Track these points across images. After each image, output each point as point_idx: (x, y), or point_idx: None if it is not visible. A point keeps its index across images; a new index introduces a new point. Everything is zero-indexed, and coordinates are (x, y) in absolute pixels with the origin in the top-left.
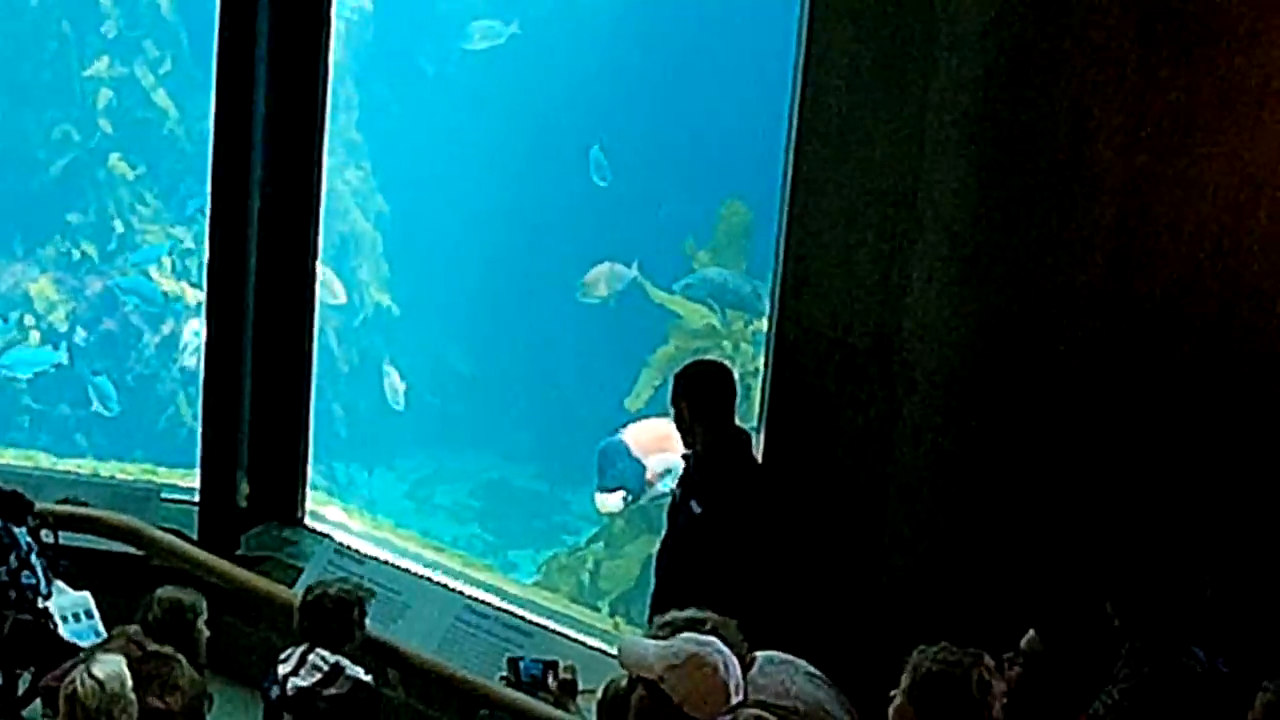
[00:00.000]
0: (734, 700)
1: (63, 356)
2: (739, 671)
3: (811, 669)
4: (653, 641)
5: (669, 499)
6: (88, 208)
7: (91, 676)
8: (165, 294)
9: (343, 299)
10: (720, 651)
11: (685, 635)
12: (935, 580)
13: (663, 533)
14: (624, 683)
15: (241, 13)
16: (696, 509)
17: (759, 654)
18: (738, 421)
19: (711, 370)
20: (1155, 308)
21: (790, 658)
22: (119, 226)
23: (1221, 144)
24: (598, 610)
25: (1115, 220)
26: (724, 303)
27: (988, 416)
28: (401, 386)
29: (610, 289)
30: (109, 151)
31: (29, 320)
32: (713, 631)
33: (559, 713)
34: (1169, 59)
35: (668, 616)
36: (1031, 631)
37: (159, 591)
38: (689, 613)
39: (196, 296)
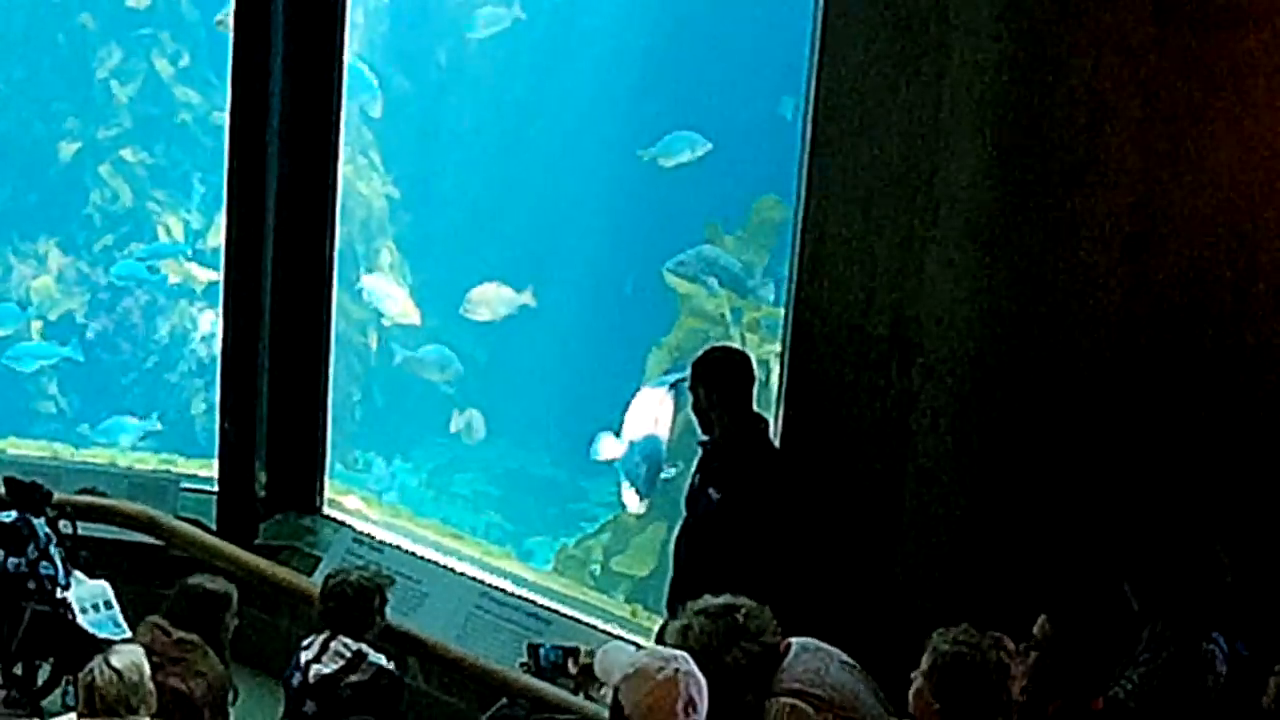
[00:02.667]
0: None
1: (73, 352)
2: (697, 691)
3: (845, 657)
4: (630, 650)
5: (687, 485)
6: (103, 199)
7: (110, 666)
8: (156, 271)
9: (417, 320)
10: (680, 668)
11: (653, 649)
12: (952, 566)
13: (681, 519)
14: None
15: (257, 6)
16: (715, 496)
17: (794, 641)
18: (755, 408)
19: (730, 357)
20: (1171, 292)
21: (824, 645)
22: (135, 217)
23: (1236, 127)
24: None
25: (1130, 205)
26: (718, 282)
27: (1004, 402)
28: (481, 431)
29: (495, 312)
30: (125, 143)
31: (46, 313)
32: (746, 617)
33: (579, 699)
34: (1184, 43)
35: (700, 603)
36: (1043, 617)
37: (189, 580)
38: (723, 599)
39: (207, 276)
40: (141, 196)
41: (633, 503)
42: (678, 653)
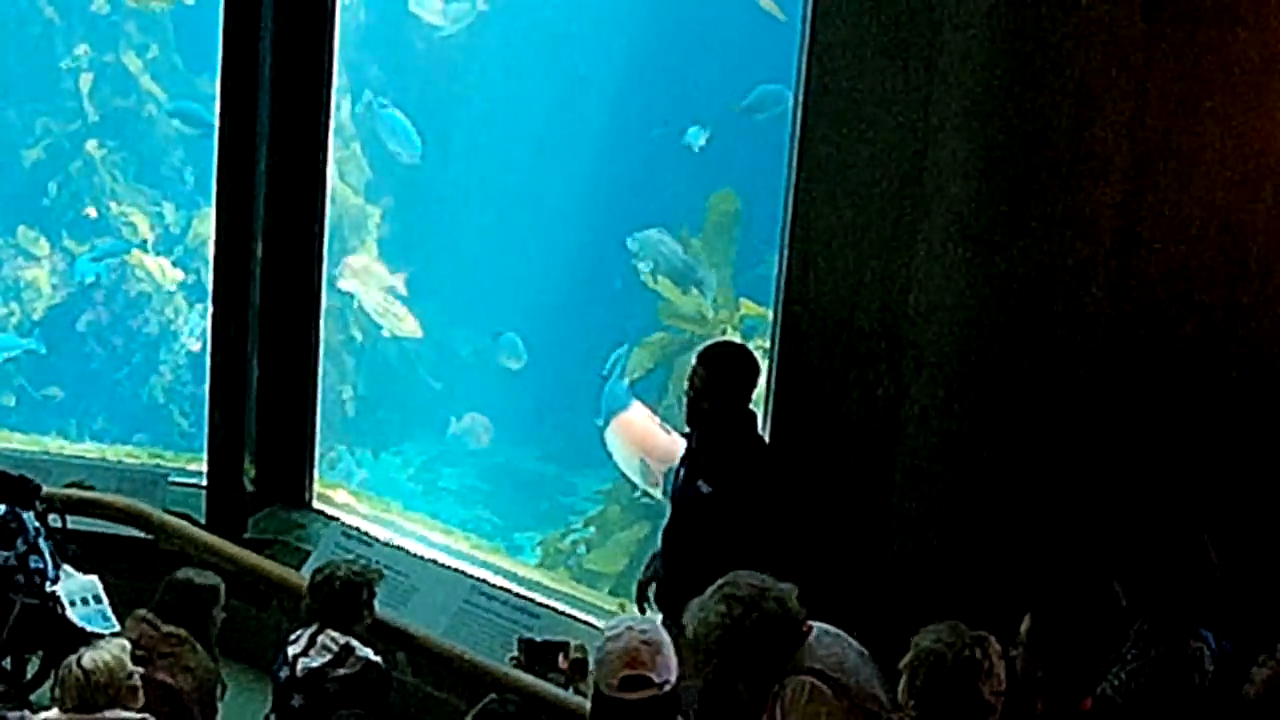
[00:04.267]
0: (619, 676)
1: (36, 344)
2: (650, 653)
3: (862, 649)
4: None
5: (673, 480)
6: (75, 193)
7: (79, 665)
8: (103, 265)
9: (418, 332)
10: (634, 626)
11: (636, 616)
12: (941, 561)
13: (668, 513)
14: None
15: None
16: (705, 489)
17: (815, 624)
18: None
19: (736, 352)
20: (1160, 288)
21: (842, 634)
22: (108, 212)
23: (1226, 123)
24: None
25: (1120, 200)
26: (657, 269)
27: (994, 397)
28: (486, 435)
29: (366, 284)
30: (95, 137)
31: (17, 306)
32: (776, 599)
33: (568, 694)
34: (1173, 38)
35: (728, 579)
36: (1028, 617)
37: (177, 574)
38: (757, 578)
39: (176, 276)
40: (110, 191)
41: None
42: (649, 620)
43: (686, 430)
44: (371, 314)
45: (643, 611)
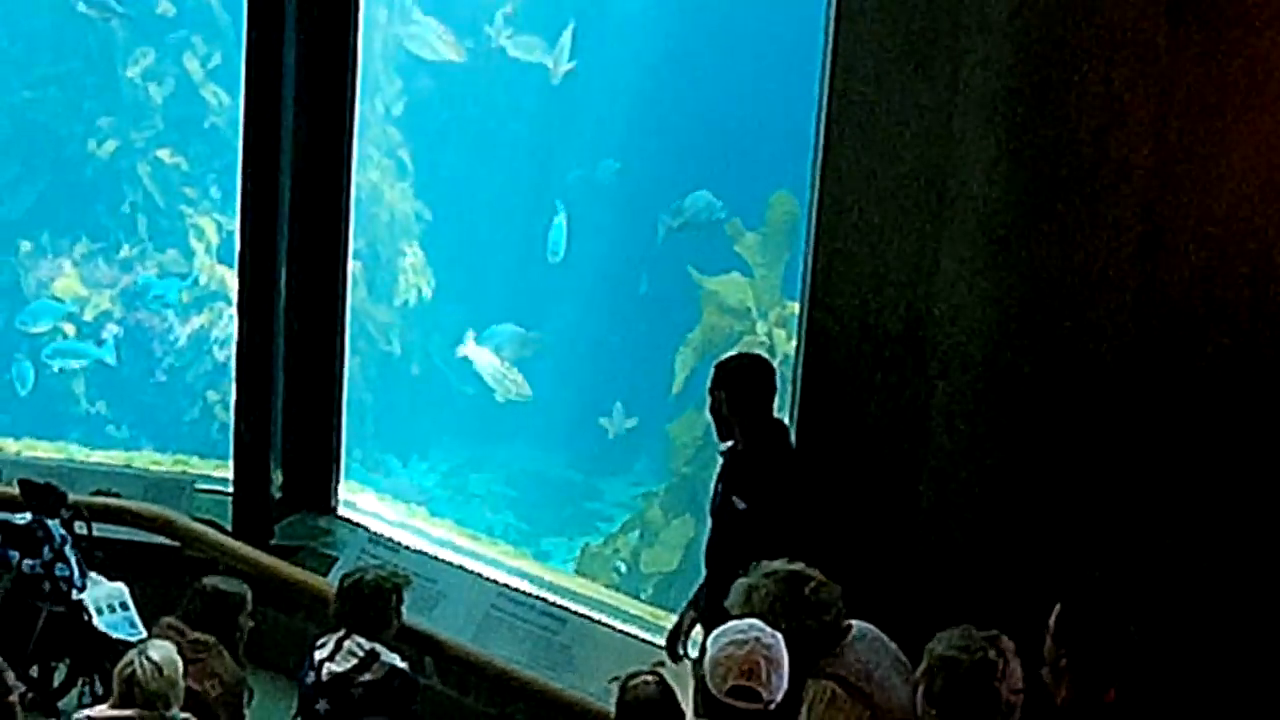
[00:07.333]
0: (730, 684)
1: (109, 355)
2: (767, 663)
3: (900, 655)
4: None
5: (711, 495)
6: (132, 201)
7: (150, 660)
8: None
9: (528, 391)
10: (758, 637)
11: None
12: (965, 562)
13: (709, 528)
14: (645, 682)
15: (270, 8)
16: (740, 505)
17: (855, 624)
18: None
19: (751, 364)
20: (1183, 292)
21: (883, 637)
22: (163, 219)
23: (1250, 128)
24: (637, 598)
25: (1144, 204)
26: (695, 224)
27: (1018, 400)
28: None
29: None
30: (156, 145)
31: (77, 310)
32: (814, 590)
33: (591, 698)
34: (1197, 43)
35: (772, 565)
36: (1058, 606)
37: (204, 581)
38: (796, 566)
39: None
40: (174, 198)
41: None
42: (769, 630)
43: (722, 447)
44: (488, 380)
45: (675, 660)
